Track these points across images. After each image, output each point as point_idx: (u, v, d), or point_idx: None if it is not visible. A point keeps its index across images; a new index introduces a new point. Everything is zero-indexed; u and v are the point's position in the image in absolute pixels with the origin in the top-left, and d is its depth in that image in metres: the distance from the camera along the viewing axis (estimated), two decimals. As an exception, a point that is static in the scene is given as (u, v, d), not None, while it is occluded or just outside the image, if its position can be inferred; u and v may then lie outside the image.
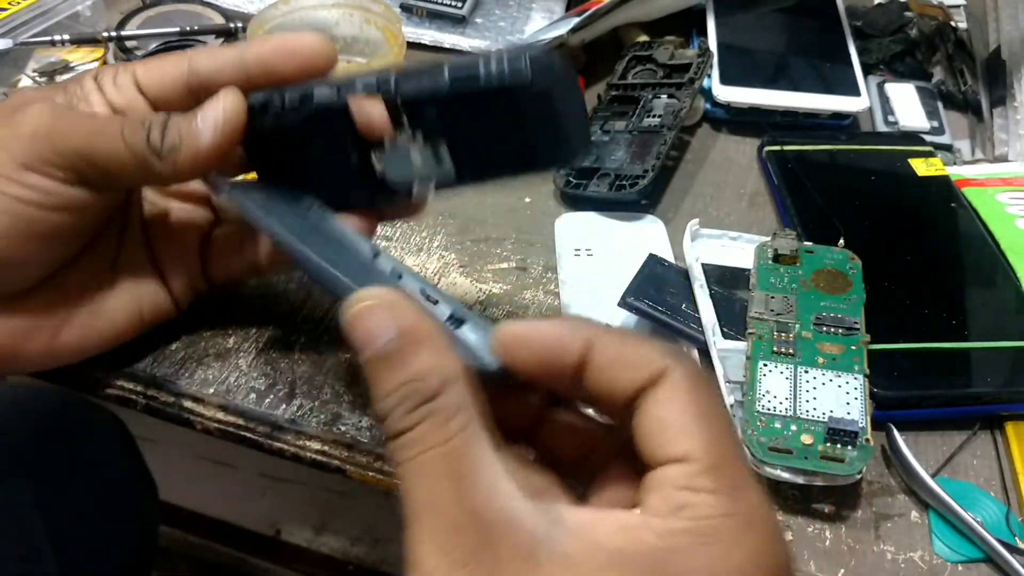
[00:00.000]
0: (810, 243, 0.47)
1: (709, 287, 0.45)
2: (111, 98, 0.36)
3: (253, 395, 0.41)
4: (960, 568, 0.37)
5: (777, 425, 0.38)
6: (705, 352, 0.43)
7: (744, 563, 0.23)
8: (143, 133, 0.34)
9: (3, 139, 0.33)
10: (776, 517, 0.24)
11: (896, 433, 0.40)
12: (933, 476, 0.39)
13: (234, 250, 0.41)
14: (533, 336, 0.26)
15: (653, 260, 0.47)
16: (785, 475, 0.38)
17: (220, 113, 0.34)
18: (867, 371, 0.40)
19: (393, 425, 0.24)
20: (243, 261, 0.41)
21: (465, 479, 0.23)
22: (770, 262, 0.46)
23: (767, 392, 0.40)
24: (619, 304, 0.44)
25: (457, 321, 0.29)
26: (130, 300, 0.39)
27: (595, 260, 0.50)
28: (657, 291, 0.45)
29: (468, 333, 0.29)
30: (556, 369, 0.26)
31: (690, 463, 0.23)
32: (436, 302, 0.30)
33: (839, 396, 0.39)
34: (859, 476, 0.38)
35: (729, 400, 0.41)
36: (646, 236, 0.52)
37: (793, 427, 0.38)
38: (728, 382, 0.41)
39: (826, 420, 0.38)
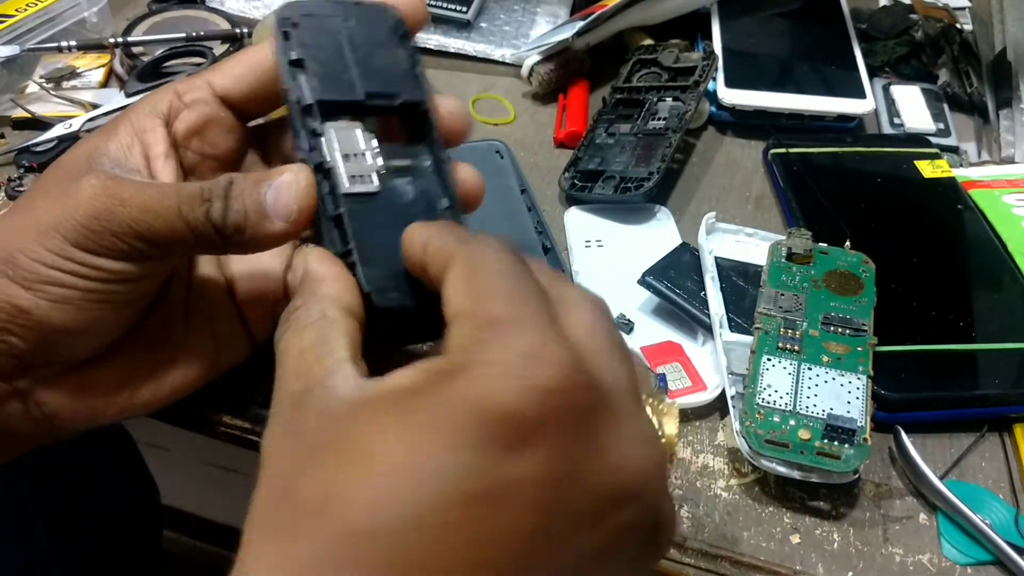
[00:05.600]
0: (825, 244, 0.47)
1: (721, 280, 0.46)
2: (177, 130, 0.34)
3: (260, 398, 0.41)
4: (969, 571, 0.37)
5: (776, 419, 0.39)
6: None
7: (476, 396, 0.23)
8: (202, 208, 0.30)
9: (57, 219, 0.31)
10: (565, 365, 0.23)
11: (904, 435, 0.40)
12: (941, 478, 0.39)
13: None
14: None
15: (683, 247, 0.49)
16: (781, 468, 0.38)
17: (294, 201, 0.30)
18: (871, 372, 0.40)
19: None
20: None
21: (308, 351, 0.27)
22: (783, 260, 0.46)
23: (768, 386, 0.40)
24: (638, 281, 0.46)
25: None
26: (207, 351, 0.36)
27: (605, 251, 0.51)
28: (677, 275, 0.47)
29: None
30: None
31: (455, 322, 0.25)
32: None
33: (840, 395, 0.39)
34: (855, 475, 0.38)
35: (731, 392, 0.41)
36: (655, 227, 0.53)
37: (792, 422, 0.38)
38: (731, 374, 0.41)
39: (825, 417, 0.38)
